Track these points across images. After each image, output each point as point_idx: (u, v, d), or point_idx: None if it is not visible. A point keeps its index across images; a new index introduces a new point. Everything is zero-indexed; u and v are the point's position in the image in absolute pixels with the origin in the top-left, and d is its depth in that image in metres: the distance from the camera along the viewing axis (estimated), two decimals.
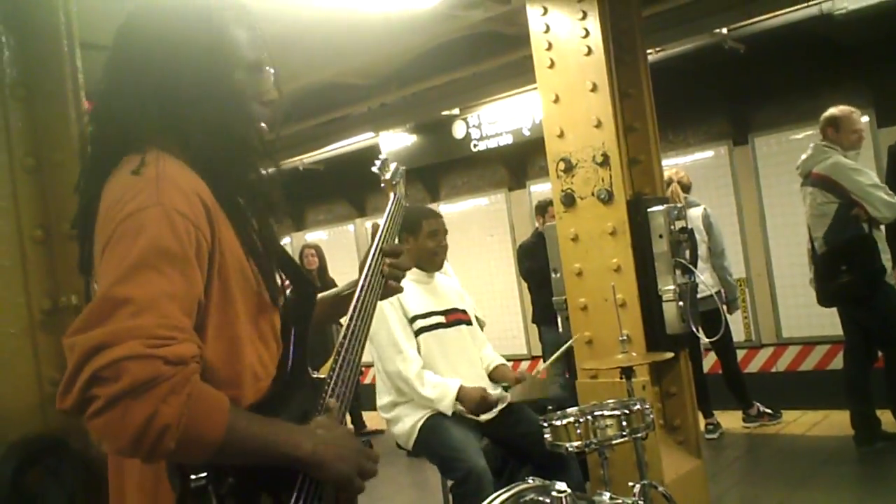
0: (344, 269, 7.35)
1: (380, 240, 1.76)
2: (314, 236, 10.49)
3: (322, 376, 1.47)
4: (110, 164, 1.35)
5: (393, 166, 1.97)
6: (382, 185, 1.97)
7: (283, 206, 1.53)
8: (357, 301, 1.63)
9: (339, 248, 10.06)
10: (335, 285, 1.65)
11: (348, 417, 1.60)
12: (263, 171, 1.48)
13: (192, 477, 1.20)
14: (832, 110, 5.08)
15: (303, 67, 6.15)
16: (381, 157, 2.01)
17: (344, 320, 1.62)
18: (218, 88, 1.41)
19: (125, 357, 1.10)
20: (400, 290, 1.81)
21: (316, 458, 1.30)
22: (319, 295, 1.69)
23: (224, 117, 1.41)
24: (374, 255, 1.73)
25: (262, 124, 1.49)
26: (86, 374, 1.11)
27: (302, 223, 11.18)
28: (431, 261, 3.64)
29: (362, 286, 1.66)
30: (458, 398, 3.39)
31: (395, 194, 1.93)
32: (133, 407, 1.10)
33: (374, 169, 1.97)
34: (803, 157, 5.12)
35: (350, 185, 10.00)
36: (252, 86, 1.46)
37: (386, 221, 1.82)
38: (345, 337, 1.55)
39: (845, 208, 4.82)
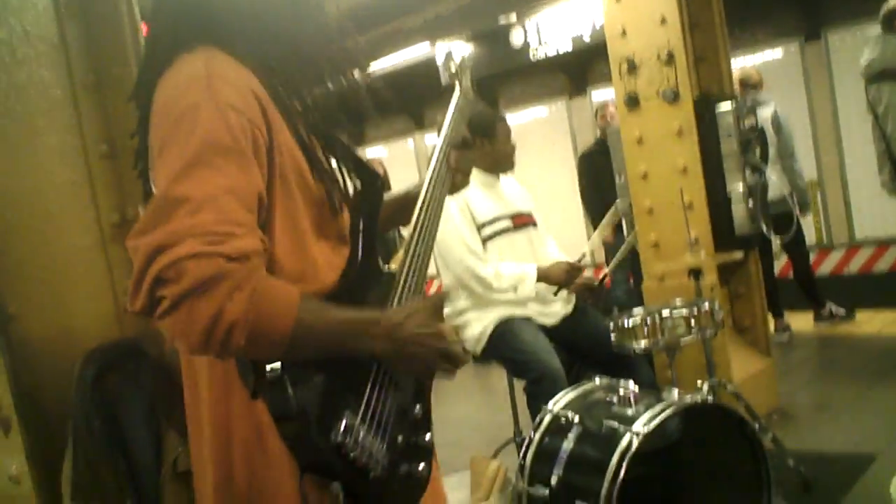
0: (404, 185, 7.35)
1: (446, 133, 1.73)
2: (374, 151, 10.50)
3: (393, 268, 1.46)
4: (163, 64, 1.33)
5: (458, 58, 1.91)
6: (447, 78, 1.91)
7: (366, 110, 1.50)
8: (426, 192, 1.59)
9: (399, 163, 10.03)
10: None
11: None
12: (342, 78, 1.45)
13: (268, 368, 1.19)
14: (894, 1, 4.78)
15: None
16: (444, 48, 1.93)
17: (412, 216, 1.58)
18: None
19: (185, 256, 1.10)
20: (467, 183, 1.77)
21: (391, 356, 1.30)
22: (385, 195, 1.66)
23: (300, 18, 1.39)
24: (440, 147, 1.69)
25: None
26: (150, 276, 1.11)
27: (361, 139, 11.18)
28: (507, 162, 3.60)
29: (430, 178, 1.62)
30: (541, 278, 3.38)
31: (459, 86, 1.88)
32: (198, 305, 1.10)
33: (439, 62, 1.92)
34: (872, 52, 4.83)
35: (408, 99, 9.91)
36: None
37: (452, 114, 1.78)
38: (414, 228, 1.52)
39: None
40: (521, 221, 3.59)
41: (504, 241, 3.48)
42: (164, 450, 1.99)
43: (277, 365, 1.19)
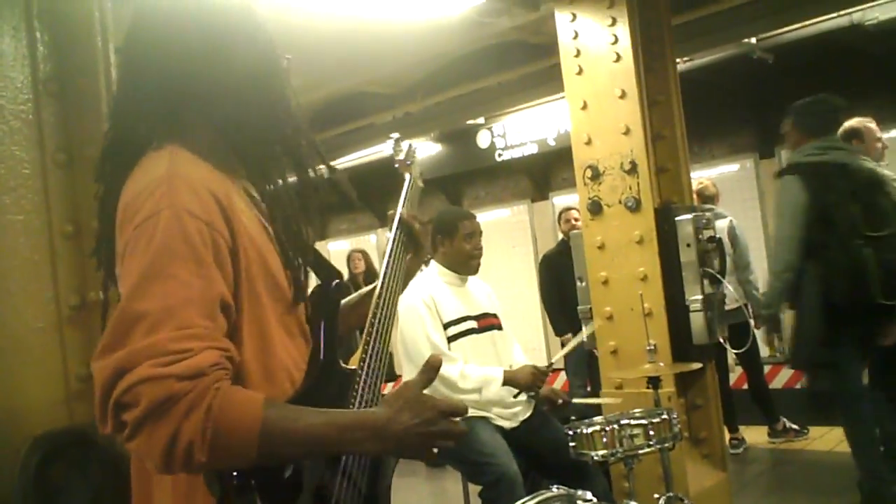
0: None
1: (397, 226, 1.75)
2: (336, 246, 10.51)
3: (353, 367, 1.45)
4: (132, 159, 1.33)
5: (406, 145, 1.94)
6: (396, 165, 1.94)
7: (322, 206, 1.50)
8: (381, 288, 1.60)
9: None
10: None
11: None
12: (311, 172, 1.46)
13: (234, 474, 1.18)
14: (851, 122, 4.96)
15: (328, 76, 6.18)
16: (394, 135, 1.97)
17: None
18: (266, 81, 1.40)
19: (139, 381, 1.10)
20: (424, 258, 1.80)
21: (384, 454, 1.32)
22: (344, 301, 1.64)
23: (266, 115, 1.40)
24: (393, 240, 1.71)
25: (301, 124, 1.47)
26: (112, 402, 1.12)
27: (324, 232, 11.21)
28: (468, 264, 3.59)
29: (385, 273, 1.63)
30: (507, 382, 3.35)
31: (409, 175, 1.91)
32: (156, 429, 1.10)
33: (387, 149, 1.95)
34: None
35: (373, 195, 10.02)
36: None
37: (403, 204, 1.80)
38: (371, 325, 1.52)
39: None
40: (487, 323, 3.58)
41: (468, 342, 3.47)
42: None
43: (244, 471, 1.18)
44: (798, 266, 3.87)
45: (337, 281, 1.48)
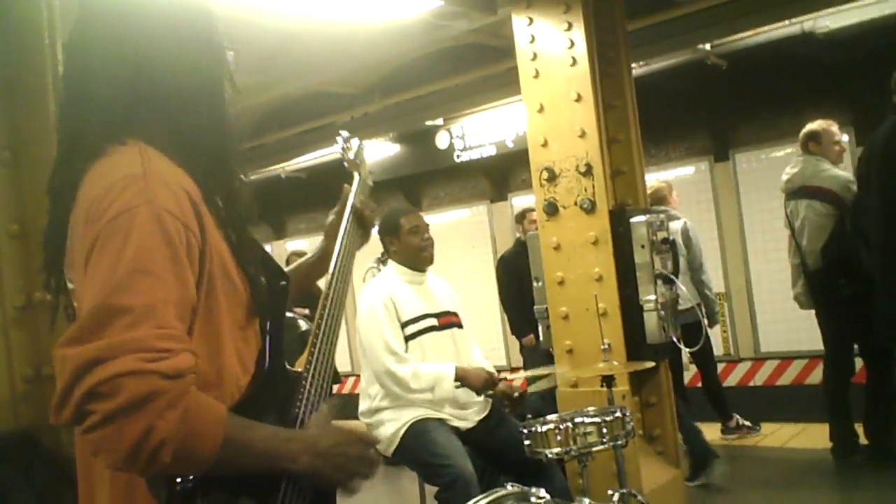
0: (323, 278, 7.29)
1: (346, 224, 1.76)
2: (295, 245, 10.44)
3: (299, 370, 1.44)
4: (92, 153, 1.30)
5: (355, 143, 1.94)
6: (346, 164, 1.94)
7: (257, 211, 1.52)
8: (330, 287, 1.61)
9: None
10: (320, 291, 1.62)
11: None
12: (243, 177, 1.45)
13: (178, 480, 1.17)
14: (811, 125, 5.11)
15: (286, 75, 6.15)
16: (343, 133, 1.97)
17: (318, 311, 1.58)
18: (215, 85, 1.40)
19: (122, 373, 1.08)
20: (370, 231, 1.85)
21: (311, 472, 1.28)
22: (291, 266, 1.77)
23: (217, 117, 1.40)
24: (342, 240, 1.72)
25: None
26: (81, 390, 1.09)
27: (283, 232, 11.13)
28: (420, 257, 3.60)
29: (333, 272, 1.65)
30: (458, 378, 3.37)
31: (359, 174, 1.91)
32: (129, 423, 1.08)
33: (336, 147, 1.94)
34: (792, 170, 5.10)
35: (332, 194, 9.92)
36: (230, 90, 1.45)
37: (353, 202, 1.81)
38: (318, 327, 1.53)
39: (843, 221, 4.79)
40: (447, 321, 3.60)
41: (428, 339, 3.48)
42: None
43: (190, 477, 1.17)
44: None
45: (283, 283, 1.47)
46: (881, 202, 4.33)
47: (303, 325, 5.44)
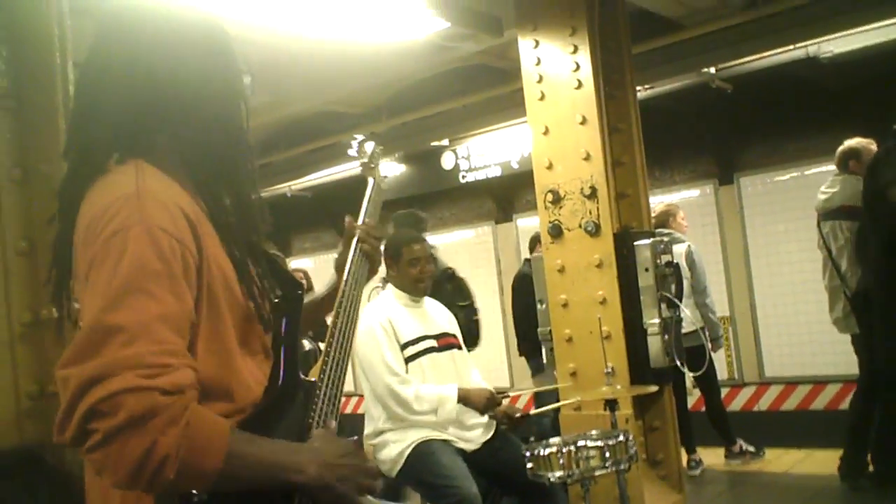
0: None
1: (355, 251, 1.77)
2: (300, 264, 10.45)
3: (313, 379, 1.45)
4: (94, 171, 1.32)
5: (370, 147, 1.95)
6: (360, 168, 1.95)
7: (267, 227, 1.52)
8: (343, 296, 1.62)
9: (325, 276, 9.96)
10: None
11: None
12: (253, 194, 1.47)
13: (193, 493, 1.17)
14: (849, 143, 4.88)
15: (294, 95, 6.19)
16: (358, 136, 1.98)
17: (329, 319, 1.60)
18: (229, 106, 1.41)
19: (121, 390, 1.09)
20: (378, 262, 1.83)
21: (319, 483, 1.28)
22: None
23: (231, 137, 1.41)
24: (355, 247, 1.72)
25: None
26: (83, 409, 1.10)
27: (288, 250, 11.14)
28: (415, 287, 3.62)
29: (346, 280, 1.66)
30: (461, 399, 3.36)
31: (373, 179, 1.91)
32: (131, 440, 1.09)
33: (351, 151, 1.96)
34: (831, 189, 4.86)
35: (337, 214, 9.96)
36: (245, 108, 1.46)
37: (366, 209, 1.82)
38: (331, 335, 1.54)
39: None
40: (446, 342, 3.60)
41: (428, 360, 3.48)
42: None
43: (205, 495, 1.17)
44: None
45: (298, 293, 1.48)
46: (874, 237, 4.31)
47: (307, 344, 5.44)
